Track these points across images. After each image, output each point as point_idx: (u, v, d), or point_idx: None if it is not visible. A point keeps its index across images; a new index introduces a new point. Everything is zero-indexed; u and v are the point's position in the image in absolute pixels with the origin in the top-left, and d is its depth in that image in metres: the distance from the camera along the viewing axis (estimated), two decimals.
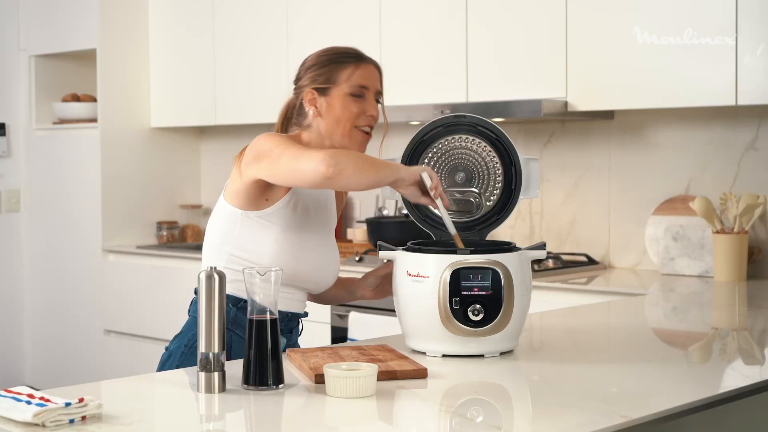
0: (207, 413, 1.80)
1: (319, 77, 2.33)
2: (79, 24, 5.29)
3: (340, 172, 2.07)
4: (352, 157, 2.11)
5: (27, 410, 1.62)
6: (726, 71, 3.40)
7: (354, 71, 2.31)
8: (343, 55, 2.34)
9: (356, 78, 2.31)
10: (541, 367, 2.14)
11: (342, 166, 2.07)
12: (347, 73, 2.31)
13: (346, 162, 2.08)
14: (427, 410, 1.78)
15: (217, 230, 2.32)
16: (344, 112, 2.30)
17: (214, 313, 1.85)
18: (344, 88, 2.31)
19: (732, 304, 3.24)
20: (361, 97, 2.31)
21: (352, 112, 2.31)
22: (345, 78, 2.31)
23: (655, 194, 3.96)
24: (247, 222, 2.27)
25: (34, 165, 5.60)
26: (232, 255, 2.29)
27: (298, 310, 2.40)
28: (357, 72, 2.32)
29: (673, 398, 1.83)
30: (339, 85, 2.31)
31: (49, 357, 5.56)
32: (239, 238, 2.28)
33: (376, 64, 2.37)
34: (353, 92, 2.31)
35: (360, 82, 2.31)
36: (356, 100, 2.31)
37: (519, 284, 2.15)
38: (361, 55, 2.35)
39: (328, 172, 2.07)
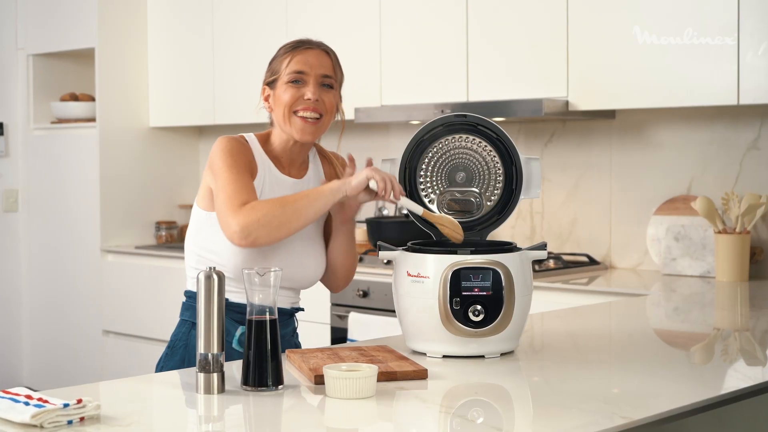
0: (206, 414, 1.80)
1: (269, 75, 2.38)
2: (78, 23, 5.29)
3: (255, 240, 2.18)
4: (266, 216, 2.16)
5: (25, 411, 1.62)
6: (728, 70, 3.40)
7: (291, 58, 2.33)
8: (286, 46, 2.38)
9: (293, 64, 2.33)
10: (542, 368, 2.15)
11: (255, 236, 2.17)
12: (286, 62, 2.34)
13: (259, 228, 2.16)
14: (427, 411, 1.78)
15: (190, 232, 2.38)
16: (282, 99, 2.32)
17: (213, 313, 1.85)
18: (284, 78, 2.33)
19: (734, 304, 3.24)
20: (298, 83, 2.32)
21: (288, 98, 2.32)
22: (284, 67, 2.34)
23: (656, 194, 3.96)
24: (211, 222, 2.30)
25: (32, 165, 5.60)
26: (200, 256, 2.33)
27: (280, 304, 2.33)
28: (294, 59, 2.33)
29: (674, 399, 1.83)
30: (281, 76, 2.34)
31: (47, 358, 5.56)
32: (205, 239, 2.32)
33: (323, 49, 2.37)
34: (290, 79, 2.33)
35: (295, 68, 2.33)
36: (293, 86, 2.32)
37: (520, 285, 2.15)
38: (305, 41, 2.37)
39: (242, 244, 2.19)
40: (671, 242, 3.79)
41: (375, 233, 4.26)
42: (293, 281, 2.36)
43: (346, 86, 2.49)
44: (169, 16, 5.30)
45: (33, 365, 5.64)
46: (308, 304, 4.17)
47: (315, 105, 2.31)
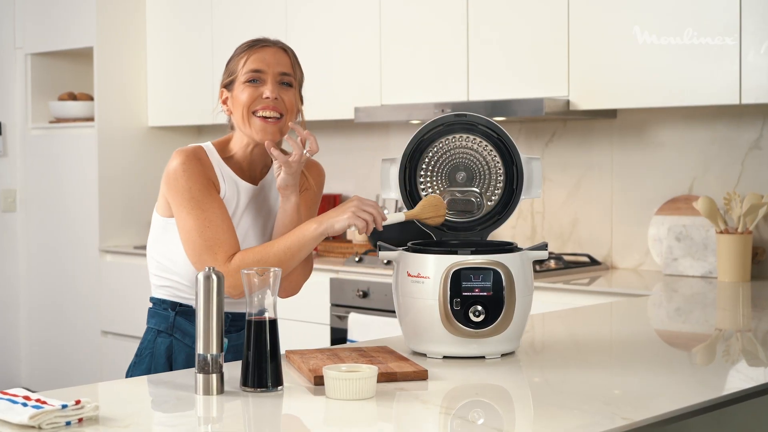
0: (205, 415, 1.80)
1: (226, 77, 2.32)
2: (76, 22, 5.30)
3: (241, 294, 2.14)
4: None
5: (23, 412, 1.62)
6: (729, 70, 3.40)
7: (248, 57, 2.27)
8: (242, 45, 2.31)
9: (249, 63, 2.26)
10: (543, 369, 2.15)
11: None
12: (242, 62, 2.28)
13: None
14: (427, 412, 1.78)
15: (150, 239, 2.36)
16: (239, 100, 2.26)
17: (212, 314, 1.85)
18: (240, 77, 2.27)
19: (736, 304, 3.24)
20: (256, 82, 2.26)
21: (246, 98, 2.25)
22: (241, 67, 2.27)
23: (657, 194, 3.96)
24: (168, 228, 2.29)
25: (31, 164, 5.60)
26: (159, 262, 2.32)
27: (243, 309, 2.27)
28: (251, 57, 2.27)
29: (675, 400, 1.83)
30: (238, 76, 2.28)
31: (46, 358, 5.56)
32: (163, 245, 2.31)
33: (280, 47, 2.31)
34: (248, 78, 2.26)
35: (252, 67, 2.26)
36: (251, 86, 2.26)
37: (520, 285, 2.15)
38: (261, 39, 2.31)
39: (231, 294, 2.18)
40: (673, 242, 3.79)
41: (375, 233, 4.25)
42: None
43: (346, 86, 2.49)
44: (168, 15, 5.30)
45: (31, 366, 5.64)
46: (308, 305, 4.18)
47: (274, 104, 2.25)
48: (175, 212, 2.24)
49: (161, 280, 2.31)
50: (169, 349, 2.31)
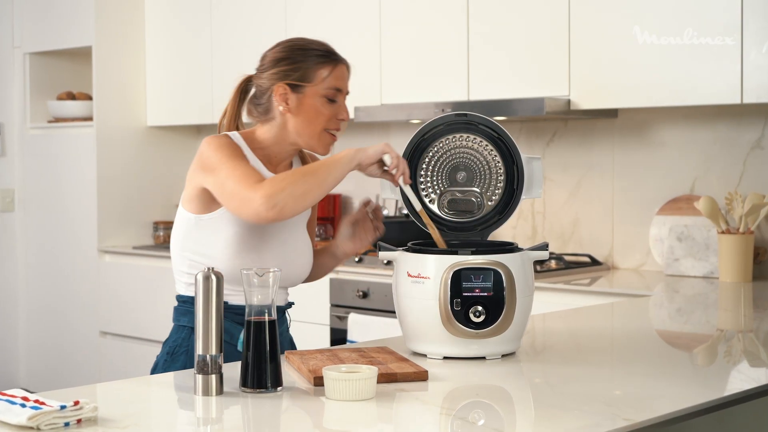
0: (204, 416, 1.80)
1: (293, 73, 2.29)
2: (75, 21, 5.30)
3: (281, 209, 2.12)
4: (289, 186, 2.12)
5: (21, 413, 1.62)
6: (731, 69, 3.40)
7: (330, 72, 2.29)
8: (320, 53, 2.30)
9: (332, 80, 2.29)
10: (544, 370, 2.15)
11: (281, 204, 2.11)
12: (323, 74, 2.28)
13: (283, 197, 2.11)
14: (427, 413, 1.78)
15: (176, 236, 2.36)
16: (318, 114, 2.28)
17: (211, 314, 1.85)
18: (320, 90, 2.28)
19: (737, 305, 3.24)
20: (334, 101, 2.30)
21: (325, 115, 2.29)
22: (321, 78, 2.28)
23: (659, 194, 3.96)
24: (201, 225, 2.29)
25: (29, 164, 5.60)
26: (192, 260, 2.32)
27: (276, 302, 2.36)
28: (333, 73, 2.29)
29: (677, 401, 1.83)
30: (314, 85, 2.28)
31: (44, 359, 5.56)
32: (195, 242, 2.30)
33: (347, 64, 2.36)
34: (328, 95, 2.29)
35: (335, 85, 2.29)
36: (329, 103, 2.30)
37: (521, 285, 2.15)
38: (337, 55, 2.33)
39: (269, 214, 2.12)
40: (674, 242, 3.79)
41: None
42: (286, 280, 2.37)
43: None
44: (168, 14, 5.30)
45: (30, 366, 5.64)
46: (307, 305, 4.18)
47: (343, 123, 2.34)
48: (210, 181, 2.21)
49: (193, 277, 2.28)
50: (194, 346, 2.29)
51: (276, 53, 2.32)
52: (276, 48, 2.34)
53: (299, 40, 2.34)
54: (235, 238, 2.27)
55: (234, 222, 2.27)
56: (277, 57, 2.31)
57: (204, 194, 2.26)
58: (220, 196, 2.21)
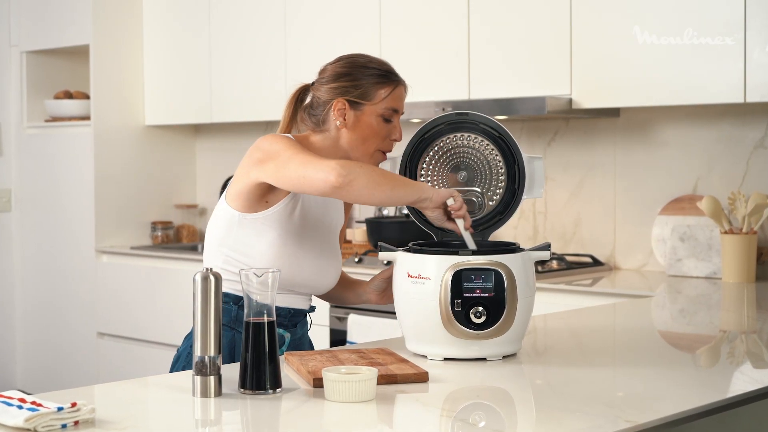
0: (202, 418, 1.80)
1: (354, 90, 2.31)
2: (72, 19, 5.30)
3: (350, 182, 2.10)
4: (367, 170, 2.13)
5: (18, 415, 1.62)
6: (734, 68, 3.40)
7: (390, 92, 2.31)
8: (381, 73, 2.33)
9: (390, 100, 2.31)
10: (545, 371, 2.14)
11: (353, 177, 2.10)
12: (383, 93, 2.31)
13: (358, 174, 2.10)
14: (428, 415, 1.78)
15: (216, 231, 2.35)
16: (373, 133, 2.31)
17: (209, 315, 1.85)
18: (378, 109, 2.31)
19: (740, 306, 3.24)
20: (390, 121, 2.32)
21: (380, 135, 2.32)
22: (380, 98, 2.30)
23: (661, 194, 3.96)
24: (245, 224, 2.30)
25: (26, 164, 5.60)
26: (228, 256, 2.33)
27: (303, 306, 2.41)
28: (392, 94, 2.32)
29: (679, 403, 1.83)
30: (373, 104, 2.30)
31: (41, 360, 5.56)
32: (236, 240, 2.31)
33: (406, 85, 2.38)
34: (385, 115, 2.31)
35: (393, 105, 2.32)
36: (385, 123, 2.32)
37: (522, 286, 2.15)
38: (397, 75, 2.35)
39: (338, 181, 2.09)
40: (677, 243, 3.79)
41: (375, 233, 4.26)
42: (316, 287, 2.40)
43: None
44: (166, 12, 5.30)
45: (26, 368, 5.64)
46: None
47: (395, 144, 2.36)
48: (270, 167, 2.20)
49: (228, 274, 2.30)
50: (231, 343, 2.32)
51: (337, 68, 2.34)
52: (337, 63, 2.36)
53: (361, 56, 2.36)
54: (277, 241, 2.28)
55: (278, 225, 2.29)
56: (339, 72, 2.33)
57: (254, 191, 2.26)
58: (282, 172, 2.17)
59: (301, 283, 2.35)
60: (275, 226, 2.29)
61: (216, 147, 5.54)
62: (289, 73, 4.68)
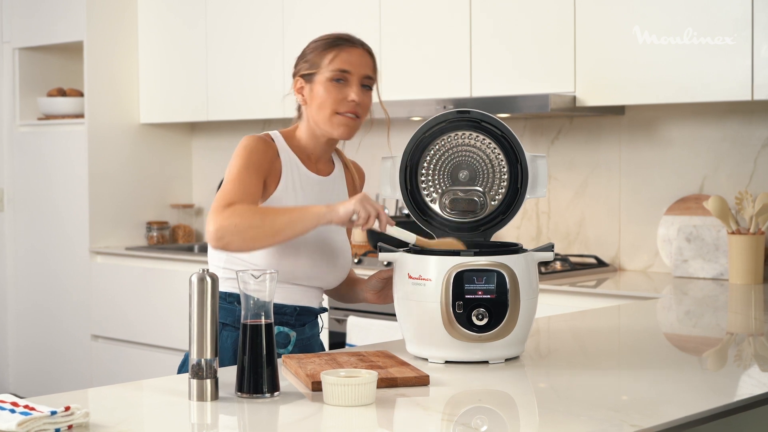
0: (199, 422, 1.80)
1: (304, 64, 2.40)
2: (66, 15, 5.30)
3: (227, 245, 2.18)
4: (243, 227, 2.16)
5: (11, 419, 1.62)
6: (741, 65, 3.41)
7: (336, 55, 2.36)
8: (330, 40, 2.39)
9: (337, 62, 2.35)
10: (548, 374, 2.15)
11: (228, 241, 2.16)
12: (329, 58, 2.36)
13: (234, 234, 2.15)
14: (428, 419, 1.78)
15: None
16: (325, 97, 2.35)
17: (206, 317, 1.85)
18: (326, 74, 2.35)
19: (748, 307, 3.24)
20: (342, 82, 2.35)
21: (331, 98, 2.35)
22: (327, 63, 2.36)
23: (667, 193, 3.96)
24: None
25: (18, 162, 5.60)
26: (230, 255, 2.35)
27: (310, 304, 2.41)
28: (339, 56, 2.35)
29: (686, 406, 1.83)
30: (321, 70, 2.36)
31: (34, 363, 5.56)
32: None
33: (366, 49, 2.41)
34: (334, 77, 2.35)
35: (341, 66, 2.35)
36: (337, 85, 2.35)
37: (525, 287, 2.15)
38: (348, 38, 2.40)
39: (217, 245, 2.19)
40: (683, 243, 3.79)
41: (375, 234, 4.26)
42: (321, 280, 2.41)
43: None
44: (161, 8, 5.30)
45: (19, 371, 5.64)
46: None
47: (355, 106, 2.36)
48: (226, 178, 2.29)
49: (231, 273, 2.33)
50: (235, 343, 2.33)
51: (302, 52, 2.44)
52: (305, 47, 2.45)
53: (322, 35, 2.43)
54: None
55: None
56: (300, 54, 2.44)
57: None
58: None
59: (303, 275, 2.35)
60: None
61: (212, 146, 5.54)
62: (286, 70, 4.68)
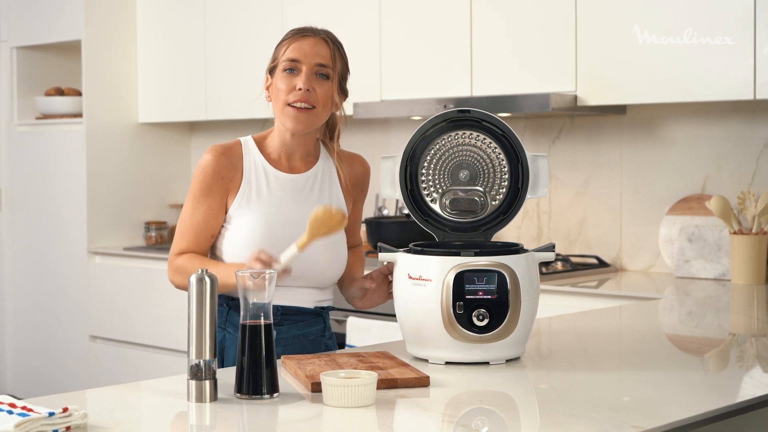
0: (198, 423, 1.80)
1: (270, 63, 2.42)
2: (64, 14, 5.30)
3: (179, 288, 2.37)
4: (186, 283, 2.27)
5: (8, 420, 1.62)
6: (744, 64, 3.40)
7: (288, 46, 2.37)
8: (288, 32, 2.41)
9: (288, 52, 2.36)
10: (549, 375, 2.15)
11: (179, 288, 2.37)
12: (283, 50, 2.38)
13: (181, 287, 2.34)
14: (429, 420, 1.78)
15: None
16: (279, 90, 2.36)
17: (205, 318, 1.85)
18: (282, 65, 2.37)
19: (750, 308, 3.24)
20: (292, 72, 2.36)
21: (281, 89, 2.36)
22: (281, 54, 2.38)
23: (669, 193, 3.96)
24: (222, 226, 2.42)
25: (16, 162, 5.60)
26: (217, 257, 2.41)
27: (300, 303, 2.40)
28: (291, 46, 2.36)
29: (687, 408, 1.83)
30: (278, 63, 2.38)
31: (32, 364, 5.56)
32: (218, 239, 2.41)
33: (322, 37, 2.39)
34: (285, 67, 2.36)
35: (290, 56, 2.36)
36: (288, 76, 2.36)
37: (526, 288, 2.15)
38: (304, 29, 2.40)
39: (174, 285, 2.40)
40: (684, 243, 3.79)
41: (374, 234, 4.26)
42: (311, 280, 2.40)
43: None
44: (160, 6, 5.30)
45: (17, 372, 5.64)
46: None
47: (306, 95, 2.34)
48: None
49: None
50: (221, 344, 2.36)
51: None
52: None
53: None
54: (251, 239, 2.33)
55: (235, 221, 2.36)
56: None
57: None
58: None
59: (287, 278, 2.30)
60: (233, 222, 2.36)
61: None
62: None
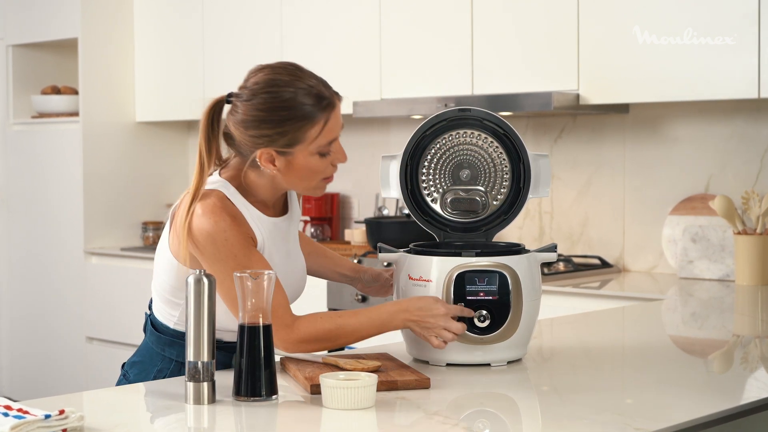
0: (196, 426, 1.80)
1: (281, 138, 2.08)
2: (60, 12, 5.30)
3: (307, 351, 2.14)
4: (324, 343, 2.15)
5: (4, 423, 1.62)
6: (748, 62, 3.40)
7: (322, 128, 2.08)
8: (309, 106, 2.07)
9: (324, 136, 2.09)
10: (551, 377, 2.15)
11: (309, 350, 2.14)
12: (315, 132, 2.08)
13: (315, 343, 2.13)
14: (429, 423, 1.78)
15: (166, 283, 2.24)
16: (311, 172, 2.12)
17: (203, 319, 1.85)
18: (311, 149, 2.09)
19: (754, 309, 3.24)
20: (329, 154, 2.13)
21: (320, 170, 2.13)
22: (312, 138, 2.08)
23: (672, 193, 3.96)
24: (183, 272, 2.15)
25: (12, 162, 5.60)
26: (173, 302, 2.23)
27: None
28: (326, 127, 2.09)
29: (691, 410, 1.83)
30: (304, 145, 2.09)
31: (28, 366, 5.56)
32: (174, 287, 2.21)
33: (340, 99, 2.14)
34: (321, 152, 2.10)
35: (330, 138, 2.10)
36: (324, 156, 2.12)
37: (528, 289, 2.15)
38: (327, 98, 2.10)
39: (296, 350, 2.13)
40: (688, 244, 3.79)
41: (375, 234, 4.26)
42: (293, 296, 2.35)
43: (344, 78, 2.49)
44: (157, 4, 5.30)
45: (12, 374, 5.64)
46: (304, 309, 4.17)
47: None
48: (218, 279, 2.02)
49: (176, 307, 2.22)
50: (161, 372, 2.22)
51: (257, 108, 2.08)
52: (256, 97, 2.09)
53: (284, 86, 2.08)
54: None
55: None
56: (258, 117, 2.08)
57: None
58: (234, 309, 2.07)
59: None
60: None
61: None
62: None
